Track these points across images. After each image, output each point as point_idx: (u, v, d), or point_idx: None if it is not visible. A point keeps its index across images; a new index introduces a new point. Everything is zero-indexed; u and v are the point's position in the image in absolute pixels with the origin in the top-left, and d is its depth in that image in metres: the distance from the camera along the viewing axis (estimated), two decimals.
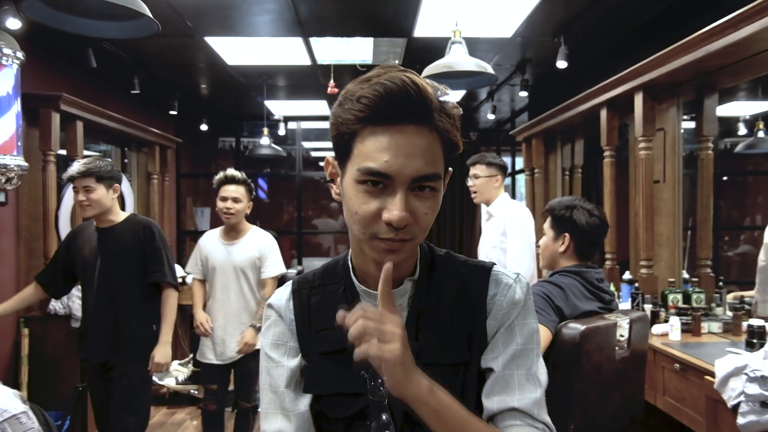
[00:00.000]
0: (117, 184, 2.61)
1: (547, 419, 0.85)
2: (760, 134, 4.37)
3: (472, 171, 3.21)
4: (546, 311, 1.82)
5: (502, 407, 0.83)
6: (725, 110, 4.62)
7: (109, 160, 2.66)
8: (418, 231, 0.80)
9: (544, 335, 1.78)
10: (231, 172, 3.04)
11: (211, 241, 3.11)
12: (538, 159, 4.99)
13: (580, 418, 1.80)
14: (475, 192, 3.22)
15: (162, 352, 2.62)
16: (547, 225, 2.03)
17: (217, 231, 3.14)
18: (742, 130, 4.61)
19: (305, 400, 0.90)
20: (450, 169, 0.86)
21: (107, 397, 2.58)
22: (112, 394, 2.56)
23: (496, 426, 0.85)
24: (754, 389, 1.78)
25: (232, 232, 3.09)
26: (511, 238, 3.07)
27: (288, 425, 0.89)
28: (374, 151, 0.77)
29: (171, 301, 2.68)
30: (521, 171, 5.99)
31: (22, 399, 1.32)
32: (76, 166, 2.53)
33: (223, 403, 3.17)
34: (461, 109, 0.84)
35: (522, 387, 0.84)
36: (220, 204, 3.01)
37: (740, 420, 1.81)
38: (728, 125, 4.87)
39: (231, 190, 2.99)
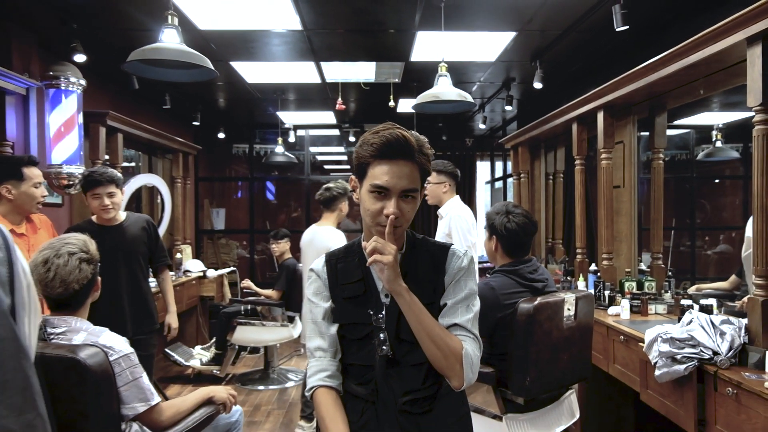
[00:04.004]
0: (123, 187, 3.02)
1: (477, 332, 1.40)
2: (718, 144, 4.90)
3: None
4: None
5: (449, 323, 1.39)
6: (701, 119, 5.12)
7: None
8: (404, 221, 1.36)
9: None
10: None
11: None
12: (524, 165, 5.47)
13: (534, 373, 2.29)
14: (426, 195, 3.68)
15: (174, 318, 3.25)
16: (485, 227, 2.51)
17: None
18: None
19: (334, 328, 1.46)
20: (425, 185, 1.42)
21: None
22: None
23: None
24: (665, 347, 2.32)
25: None
26: (453, 236, 3.48)
27: (323, 342, 1.45)
28: (380, 174, 1.32)
29: (169, 278, 3.30)
30: (510, 175, 6.51)
31: (128, 343, 1.84)
32: (98, 176, 2.79)
33: None
34: (433, 150, 1.40)
35: (462, 313, 1.39)
36: (346, 208, 3.64)
37: (656, 372, 2.35)
38: (706, 133, 5.35)
39: None
